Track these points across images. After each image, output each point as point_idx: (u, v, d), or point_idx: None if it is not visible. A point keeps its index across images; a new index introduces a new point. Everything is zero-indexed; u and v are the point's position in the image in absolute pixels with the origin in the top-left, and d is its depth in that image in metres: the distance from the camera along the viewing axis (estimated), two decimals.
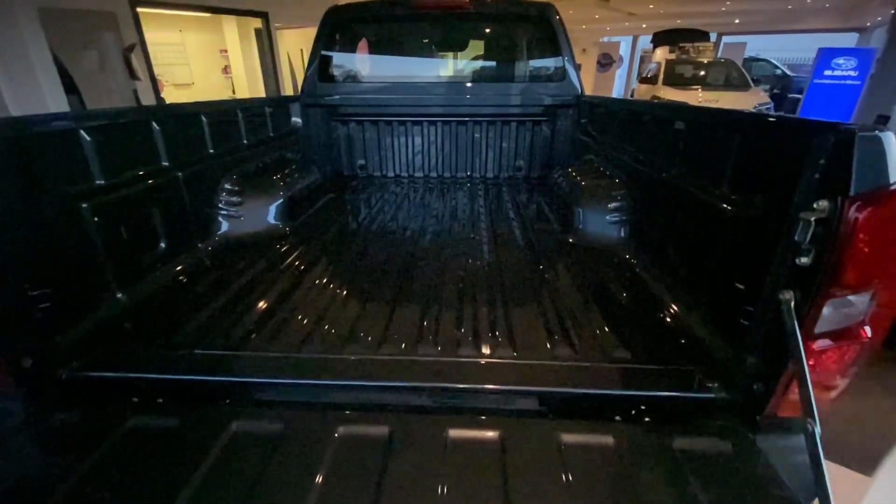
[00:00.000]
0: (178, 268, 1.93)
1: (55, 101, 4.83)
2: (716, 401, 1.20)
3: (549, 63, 3.58)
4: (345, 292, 1.81)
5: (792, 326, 1.00)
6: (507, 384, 1.25)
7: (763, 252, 1.16)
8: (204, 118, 2.28)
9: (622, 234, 2.22)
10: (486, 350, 1.42)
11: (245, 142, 2.67)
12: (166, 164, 1.99)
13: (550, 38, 3.42)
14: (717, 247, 1.45)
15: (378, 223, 2.75)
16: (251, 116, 2.75)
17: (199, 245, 2.15)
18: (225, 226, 2.32)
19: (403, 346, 1.43)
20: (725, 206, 1.43)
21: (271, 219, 2.50)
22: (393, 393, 1.28)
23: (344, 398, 1.31)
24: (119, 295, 1.66)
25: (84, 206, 1.53)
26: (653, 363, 1.34)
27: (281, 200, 2.57)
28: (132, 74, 5.60)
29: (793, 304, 1.01)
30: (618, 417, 1.23)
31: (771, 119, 1.30)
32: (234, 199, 2.36)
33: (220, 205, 2.31)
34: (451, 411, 1.24)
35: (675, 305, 1.63)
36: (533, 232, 2.51)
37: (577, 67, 3.50)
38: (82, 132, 1.57)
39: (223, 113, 2.50)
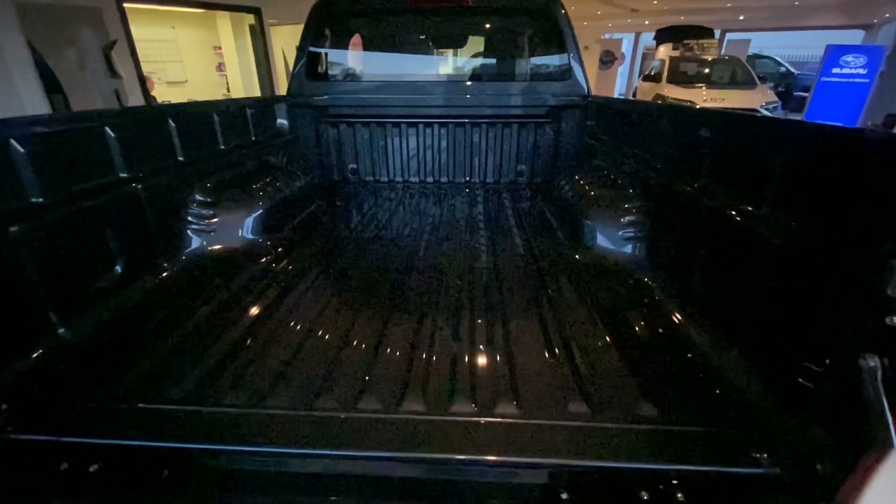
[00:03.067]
0: (136, 294, 1.70)
1: (33, 101, 4.59)
2: (765, 477, 0.98)
3: (554, 60, 3.35)
4: (323, 326, 1.58)
5: (878, 402, 0.77)
6: (511, 454, 1.03)
7: (829, 299, 0.93)
8: (172, 122, 2.04)
9: (638, 253, 1.99)
10: (484, 405, 1.19)
11: (222, 147, 2.44)
12: (124, 175, 1.76)
13: (555, 33, 3.19)
14: (757, 281, 1.23)
15: (367, 237, 2.52)
16: (229, 119, 2.51)
17: (165, 265, 1.92)
18: (195, 242, 2.09)
19: (385, 399, 1.20)
20: (766, 231, 1.21)
21: (249, 233, 2.27)
22: (370, 461, 1.06)
23: (311, 467, 1.08)
24: (61, 331, 1.43)
25: (13, 229, 1.30)
26: (684, 423, 1.11)
27: (260, 212, 2.34)
28: (113, 73, 5.35)
29: (880, 374, 0.78)
30: (644, 495, 1.00)
31: (837, 132, 1.07)
32: (206, 211, 2.12)
33: (189, 218, 2.08)
34: (439, 488, 1.02)
35: (705, 344, 1.40)
36: (537, 249, 2.28)
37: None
38: (13, 142, 1.34)
39: (196, 116, 2.26)
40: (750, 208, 1.31)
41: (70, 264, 1.49)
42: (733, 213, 1.38)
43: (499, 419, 1.13)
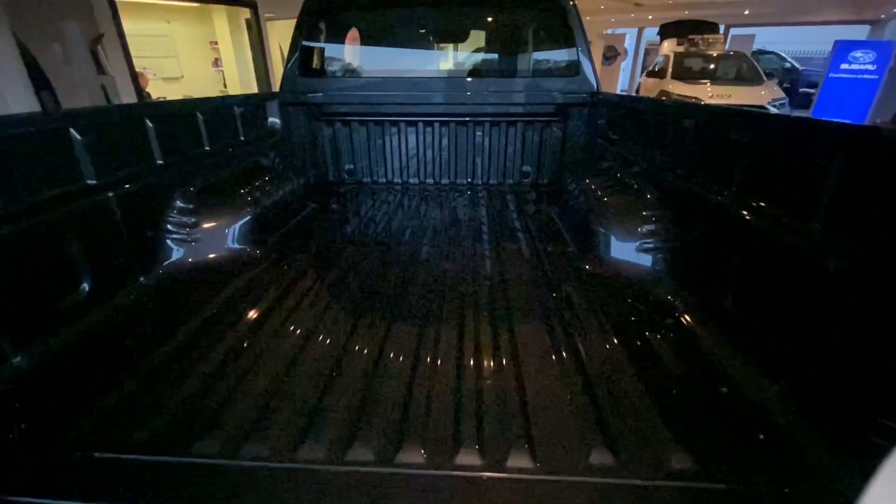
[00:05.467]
0: (104, 316, 1.53)
1: (17, 98, 4.41)
2: None
3: (562, 55, 3.17)
4: (312, 354, 1.41)
5: None
6: None
7: None
8: (150, 123, 1.88)
9: (658, 266, 1.83)
10: (494, 454, 1.03)
11: (207, 148, 2.27)
12: (92, 182, 1.59)
13: (563, 26, 3.01)
14: (806, 310, 1.07)
15: (363, 245, 2.35)
16: (215, 118, 2.34)
17: (141, 280, 1.75)
18: (175, 254, 1.92)
19: (378, 448, 1.04)
20: (818, 253, 1.04)
21: (236, 241, 2.10)
22: None
23: None
24: (16, 360, 1.27)
25: None
26: (726, 479, 0.95)
27: (248, 218, 2.17)
28: (100, 68, 5.16)
29: None
30: None
31: None
32: (187, 219, 1.96)
33: (168, 227, 1.91)
34: None
35: (742, 378, 1.24)
36: (546, 259, 2.11)
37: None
38: None
39: (177, 115, 2.09)
40: (796, 225, 1.15)
41: (28, 283, 1.33)
42: (773, 228, 1.22)
43: (511, 475, 0.97)
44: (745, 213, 1.35)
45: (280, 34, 11.50)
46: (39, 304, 1.36)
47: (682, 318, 1.53)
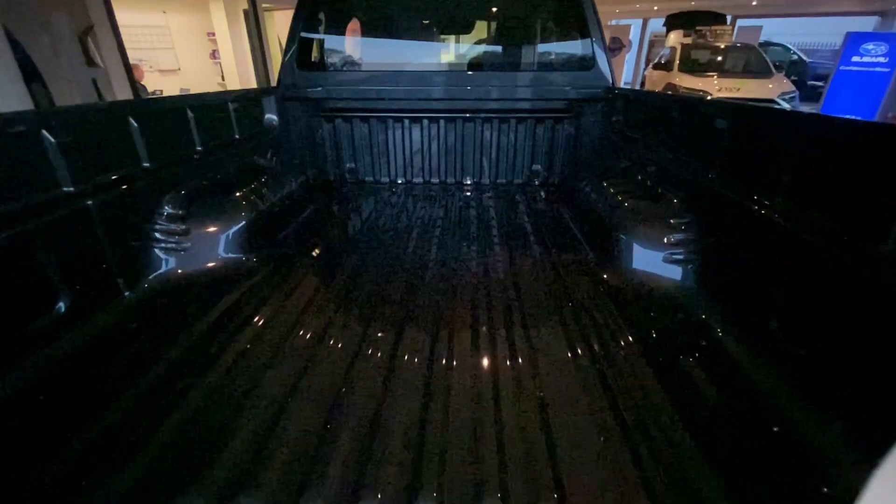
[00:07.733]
0: (83, 339, 1.38)
1: (6, 92, 4.24)
2: None
3: (575, 48, 3.00)
4: (311, 385, 1.26)
5: None
6: None
7: None
8: (134, 122, 1.73)
9: (687, 279, 1.68)
10: None
11: (199, 148, 2.12)
12: (69, 189, 1.45)
13: (576, 16, 2.84)
14: (875, 340, 0.93)
15: (366, 250, 2.21)
16: (208, 115, 2.19)
17: (126, 294, 1.61)
18: (164, 264, 1.78)
19: (388, 499, 0.91)
20: (886, 272, 0.90)
21: (229, 250, 1.96)
22: None
23: None
24: None
25: None
26: None
27: (243, 223, 2.03)
28: (90, 61, 4.98)
29: None
30: None
31: None
32: (176, 225, 1.81)
33: (156, 235, 1.77)
34: None
35: (791, 411, 1.10)
36: (562, 269, 1.96)
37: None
38: None
39: (166, 113, 1.94)
40: (859, 241, 1.01)
41: None
42: (831, 244, 1.08)
43: None
44: (795, 225, 1.21)
45: (279, 25, 11.28)
46: (8, 329, 1.22)
47: (719, 341, 1.39)
